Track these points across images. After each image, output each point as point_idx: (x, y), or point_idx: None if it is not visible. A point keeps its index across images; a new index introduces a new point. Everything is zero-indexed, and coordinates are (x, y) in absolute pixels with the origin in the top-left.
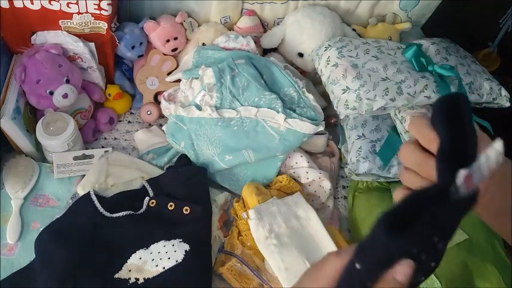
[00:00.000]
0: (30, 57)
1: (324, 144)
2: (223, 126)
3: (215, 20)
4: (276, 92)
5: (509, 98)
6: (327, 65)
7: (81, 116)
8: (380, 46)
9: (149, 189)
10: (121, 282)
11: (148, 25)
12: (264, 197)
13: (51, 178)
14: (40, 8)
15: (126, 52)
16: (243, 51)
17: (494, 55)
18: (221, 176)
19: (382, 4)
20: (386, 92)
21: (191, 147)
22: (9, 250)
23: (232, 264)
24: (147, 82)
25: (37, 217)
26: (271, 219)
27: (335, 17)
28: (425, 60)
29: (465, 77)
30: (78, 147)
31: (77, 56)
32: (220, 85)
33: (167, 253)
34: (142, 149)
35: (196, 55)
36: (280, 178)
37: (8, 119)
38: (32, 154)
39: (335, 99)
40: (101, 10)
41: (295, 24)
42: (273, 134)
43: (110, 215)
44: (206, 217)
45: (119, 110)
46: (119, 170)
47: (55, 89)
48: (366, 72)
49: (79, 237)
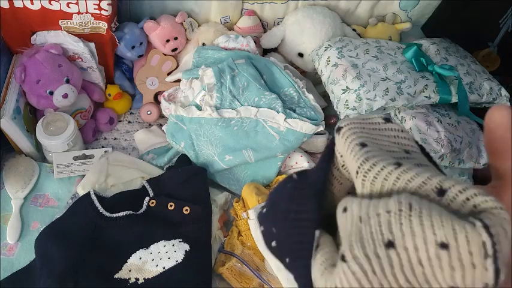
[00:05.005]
0: (30, 57)
1: (323, 144)
2: (223, 126)
3: (215, 20)
4: (276, 92)
5: (509, 98)
6: (327, 65)
7: (81, 116)
8: (380, 46)
9: (149, 189)
10: (121, 282)
11: (148, 25)
12: (264, 197)
13: (51, 178)
14: (40, 8)
15: (126, 52)
16: (243, 51)
17: (494, 55)
18: (221, 176)
19: (382, 4)
20: (387, 92)
21: (191, 147)
22: (9, 250)
23: (232, 264)
24: (147, 82)
25: (37, 217)
26: None
27: (335, 17)
28: (425, 60)
29: (465, 77)
30: (78, 147)
31: (77, 56)
32: (220, 85)
33: (167, 253)
34: (143, 149)
35: (196, 55)
36: (280, 178)
37: (8, 119)
38: (32, 154)
39: (335, 99)
40: (101, 10)
41: (295, 24)
42: (273, 134)
43: (110, 215)
44: (206, 217)
45: (119, 110)
46: (119, 170)
47: (55, 89)
48: (366, 72)
49: (79, 237)
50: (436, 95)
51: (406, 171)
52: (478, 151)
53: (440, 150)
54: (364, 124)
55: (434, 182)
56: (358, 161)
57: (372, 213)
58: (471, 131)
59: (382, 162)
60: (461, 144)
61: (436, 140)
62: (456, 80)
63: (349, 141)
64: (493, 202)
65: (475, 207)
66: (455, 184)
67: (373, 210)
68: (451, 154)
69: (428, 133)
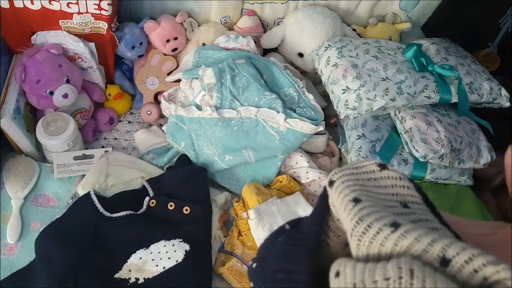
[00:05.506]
0: (30, 57)
1: (324, 144)
2: (223, 126)
3: (215, 20)
4: (276, 92)
5: (509, 98)
6: (327, 65)
7: (81, 116)
8: (380, 46)
9: (149, 189)
10: (121, 282)
11: (149, 25)
12: (264, 197)
13: (51, 178)
14: (40, 8)
15: (126, 52)
16: (243, 51)
17: (494, 55)
18: (221, 176)
19: (382, 4)
20: (387, 92)
21: (191, 147)
22: (9, 250)
23: (232, 264)
24: (147, 82)
25: (37, 217)
26: (271, 219)
27: (335, 17)
28: (425, 60)
29: (465, 77)
30: (78, 147)
31: (77, 56)
32: (220, 85)
33: (167, 253)
34: (143, 149)
35: (196, 55)
36: (280, 178)
37: (8, 119)
38: (32, 154)
39: (335, 99)
40: (101, 10)
41: (295, 24)
42: (273, 134)
43: (110, 215)
44: (206, 217)
45: (119, 110)
46: (119, 170)
47: (55, 89)
48: (366, 72)
49: (79, 237)
50: (436, 95)
51: (405, 235)
52: (478, 151)
53: (440, 150)
54: (358, 175)
55: (437, 250)
56: (352, 221)
57: (367, 280)
58: (471, 131)
59: (377, 224)
60: (461, 144)
61: (436, 140)
62: (456, 80)
63: (342, 196)
64: (505, 272)
65: (486, 280)
66: (460, 252)
67: (369, 276)
68: (451, 154)
69: (428, 133)
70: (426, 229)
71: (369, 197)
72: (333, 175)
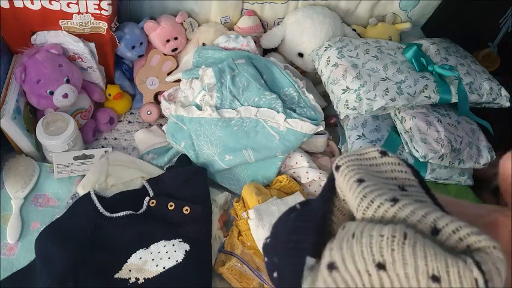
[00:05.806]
0: (30, 57)
1: (324, 144)
2: (223, 126)
3: (215, 20)
4: (276, 92)
5: (509, 98)
6: (327, 65)
7: (81, 116)
8: (380, 46)
9: (149, 189)
10: (121, 282)
11: (149, 25)
12: (264, 197)
13: (51, 178)
14: (40, 8)
15: (126, 52)
16: (243, 51)
17: (494, 55)
18: (221, 176)
19: (382, 4)
20: (387, 92)
21: (191, 147)
22: (9, 250)
23: (232, 264)
24: (147, 82)
25: (37, 217)
26: (271, 219)
27: (335, 17)
28: (425, 60)
29: (465, 77)
30: (78, 147)
31: (77, 56)
32: (220, 85)
33: (167, 253)
34: (143, 149)
35: (196, 55)
36: (280, 178)
37: (8, 119)
38: (32, 154)
39: (335, 99)
40: (101, 10)
41: (295, 24)
42: (273, 134)
43: (110, 215)
44: (206, 217)
45: (119, 110)
46: (119, 170)
47: (55, 89)
48: (366, 72)
49: (79, 237)
50: (436, 95)
51: (402, 208)
52: (478, 151)
53: (440, 150)
54: (361, 160)
55: (429, 221)
56: (357, 199)
57: (365, 232)
58: (471, 131)
59: (379, 199)
60: (461, 144)
61: (436, 140)
62: (456, 80)
63: (347, 178)
64: (486, 241)
65: (469, 247)
66: (449, 223)
67: (367, 230)
68: (451, 154)
69: (428, 133)
70: (421, 204)
71: (371, 178)
72: (338, 160)
